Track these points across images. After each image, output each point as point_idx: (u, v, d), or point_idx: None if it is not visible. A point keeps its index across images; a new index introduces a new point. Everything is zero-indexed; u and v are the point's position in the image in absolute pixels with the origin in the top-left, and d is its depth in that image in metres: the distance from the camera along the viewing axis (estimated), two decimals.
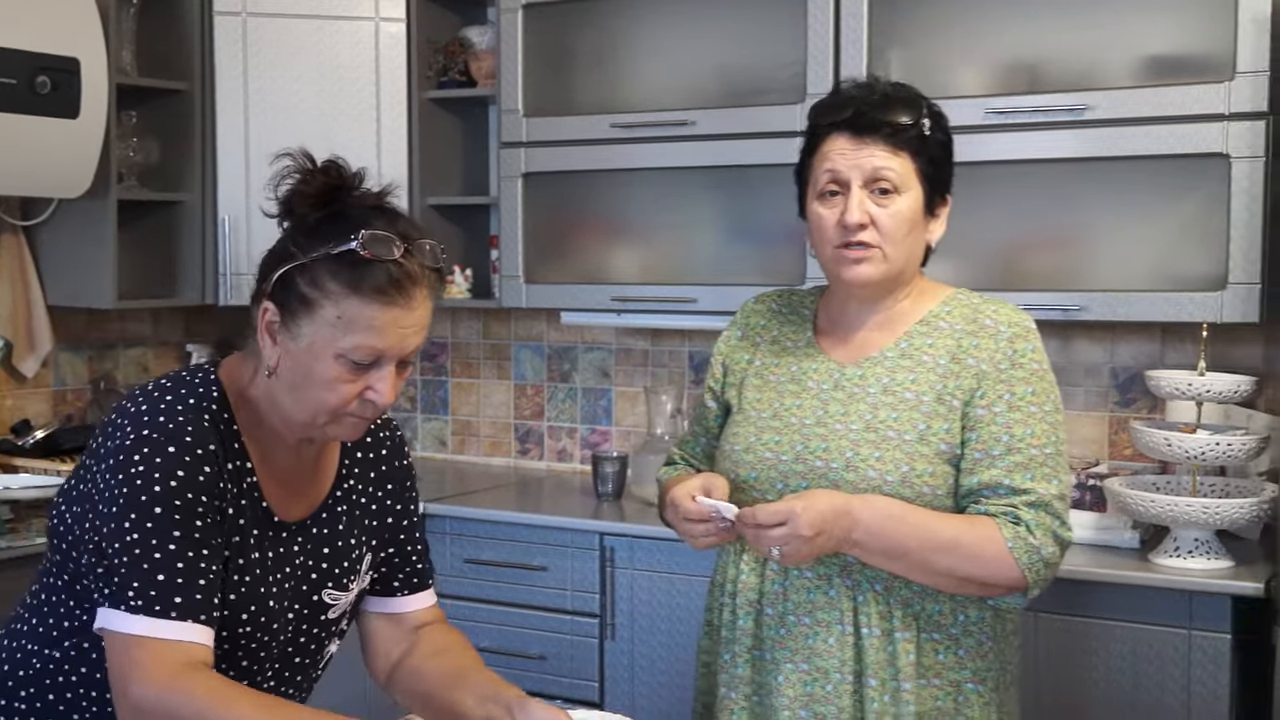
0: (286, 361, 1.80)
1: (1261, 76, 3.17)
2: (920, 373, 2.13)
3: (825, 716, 2.10)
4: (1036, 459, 2.07)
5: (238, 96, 4.15)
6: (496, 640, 3.84)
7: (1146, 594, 3.07)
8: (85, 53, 3.71)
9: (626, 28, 4.04)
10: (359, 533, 2.01)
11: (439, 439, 4.76)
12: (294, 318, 1.77)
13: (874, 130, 2.11)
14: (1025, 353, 2.13)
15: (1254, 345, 3.55)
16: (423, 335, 1.83)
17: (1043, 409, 2.11)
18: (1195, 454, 3.11)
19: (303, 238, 1.78)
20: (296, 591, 1.91)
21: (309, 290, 1.76)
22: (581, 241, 4.12)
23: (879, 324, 2.20)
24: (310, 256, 1.76)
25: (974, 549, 2.03)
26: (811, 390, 2.19)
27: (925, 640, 2.11)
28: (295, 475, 1.93)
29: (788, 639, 2.13)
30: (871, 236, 2.10)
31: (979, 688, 2.13)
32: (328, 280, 1.75)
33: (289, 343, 1.79)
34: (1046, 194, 3.53)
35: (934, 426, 2.09)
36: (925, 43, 3.65)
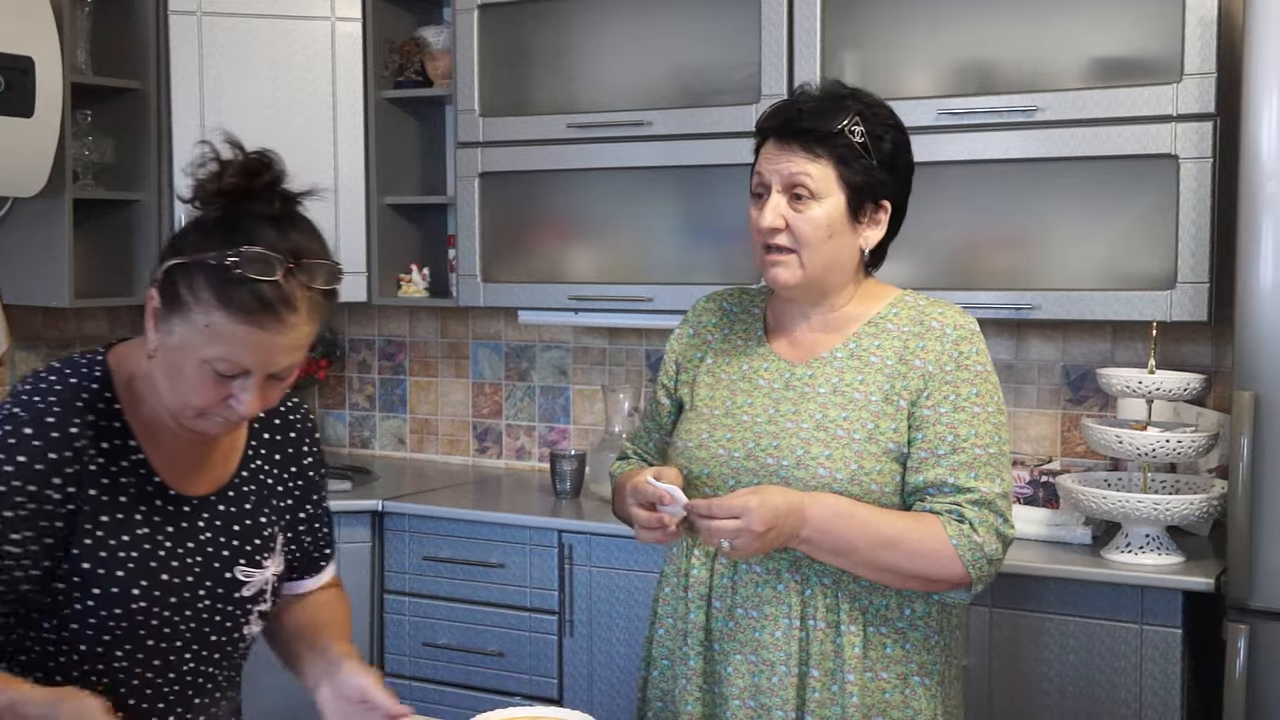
0: (162, 351, 1.78)
1: (1209, 78, 3.18)
2: (868, 373, 2.15)
3: (771, 707, 2.12)
4: (980, 458, 2.10)
5: (193, 95, 4.11)
6: (455, 637, 3.83)
7: (1099, 589, 3.08)
8: (39, 51, 3.67)
9: (583, 28, 4.02)
10: (269, 511, 2.00)
11: (397, 437, 4.73)
12: (170, 313, 1.75)
13: (795, 137, 2.14)
14: (970, 354, 2.15)
15: (1203, 344, 3.57)
16: (298, 355, 1.79)
17: (986, 409, 2.13)
18: (1146, 451, 3.12)
19: (194, 235, 1.76)
20: (207, 568, 1.90)
21: (185, 292, 1.73)
22: (539, 241, 4.11)
23: (826, 325, 2.22)
24: (192, 258, 1.73)
25: (919, 546, 2.05)
26: (763, 389, 2.20)
27: (873, 633, 2.13)
28: (193, 452, 1.91)
29: (736, 631, 2.15)
30: (786, 240, 2.14)
31: (925, 680, 2.15)
32: (202, 289, 1.72)
33: (164, 336, 1.77)
34: (998, 194, 3.54)
35: (882, 426, 2.11)
36: (878, 44, 3.66)
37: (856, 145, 2.13)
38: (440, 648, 3.85)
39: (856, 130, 2.13)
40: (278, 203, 1.78)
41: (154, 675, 1.88)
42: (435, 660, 3.87)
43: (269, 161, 1.80)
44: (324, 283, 1.77)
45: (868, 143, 2.14)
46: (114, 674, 1.84)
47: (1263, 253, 2.86)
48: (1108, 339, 3.69)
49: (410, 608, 3.90)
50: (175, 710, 1.92)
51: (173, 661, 1.88)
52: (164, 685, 1.89)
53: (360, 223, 4.26)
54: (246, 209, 1.76)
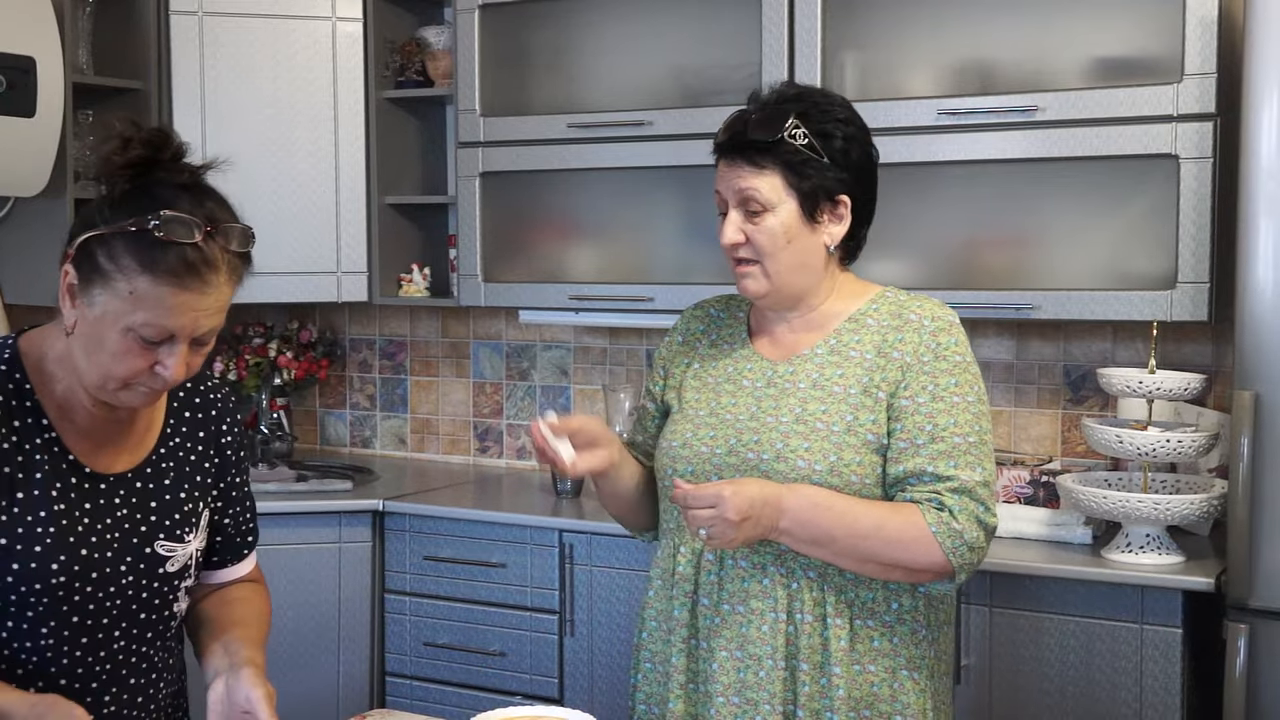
0: (82, 326, 1.81)
1: (1209, 78, 3.17)
2: (848, 368, 2.16)
3: (757, 702, 2.12)
4: (960, 447, 2.10)
5: (194, 96, 4.11)
6: (456, 637, 3.82)
7: (1099, 589, 3.08)
8: (41, 52, 3.66)
9: (583, 28, 4.02)
10: (189, 487, 2.02)
11: (398, 437, 4.73)
12: (90, 285, 1.78)
13: (740, 153, 2.16)
14: (949, 345, 2.16)
15: (1203, 343, 3.56)
16: (219, 317, 1.83)
17: (965, 399, 2.13)
18: (1146, 451, 3.11)
19: (108, 209, 1.79)
20: (126, 543, 1.92)
21: (105, 262, 1.76)
22: (539, 240, 4.10)
23: (807, 325, 2.23)
24: (110, 229, 1.76)
25: (898, 534, 2.05)
26: (746, 388, 2.22)
27: (860, 627, 2.13)
28: (109, 430, 1.93)
29: (722, 627, 2.16)
30: (748, 253, 2.17)
31: (914, 674, 2.16)
32: (123, 256, 1.75)
33: (85, 308, 1.80)
34: (998, 194, 3.54)
35: (861, 418, 2.12)
36: (878, 45, 3.65)
37: (801, 149, 2.14)
38: (441, 647, 3.84)
39: (798, 133, 2.14)
40: (186, 173, 1.82)
41: (83, 654, 1.90)
42: (436, 660, 3.86)
43: (169, 135, 1.83)
44: (239, 245, 1.81)
45: (814, 143, 2.14)
46: (42, 653, 1.86)
47: (1263, 253, 2.86)
48: (1108, 339, 3.69)
49: (411, 607, 3.90)
50: (110, 691, 1.93)
51: (101, 639, 1.90)
52: (95, 665, 1.91)
53: (361, 222, 4.25)
54: (156, 179, 1.80)
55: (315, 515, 3.91)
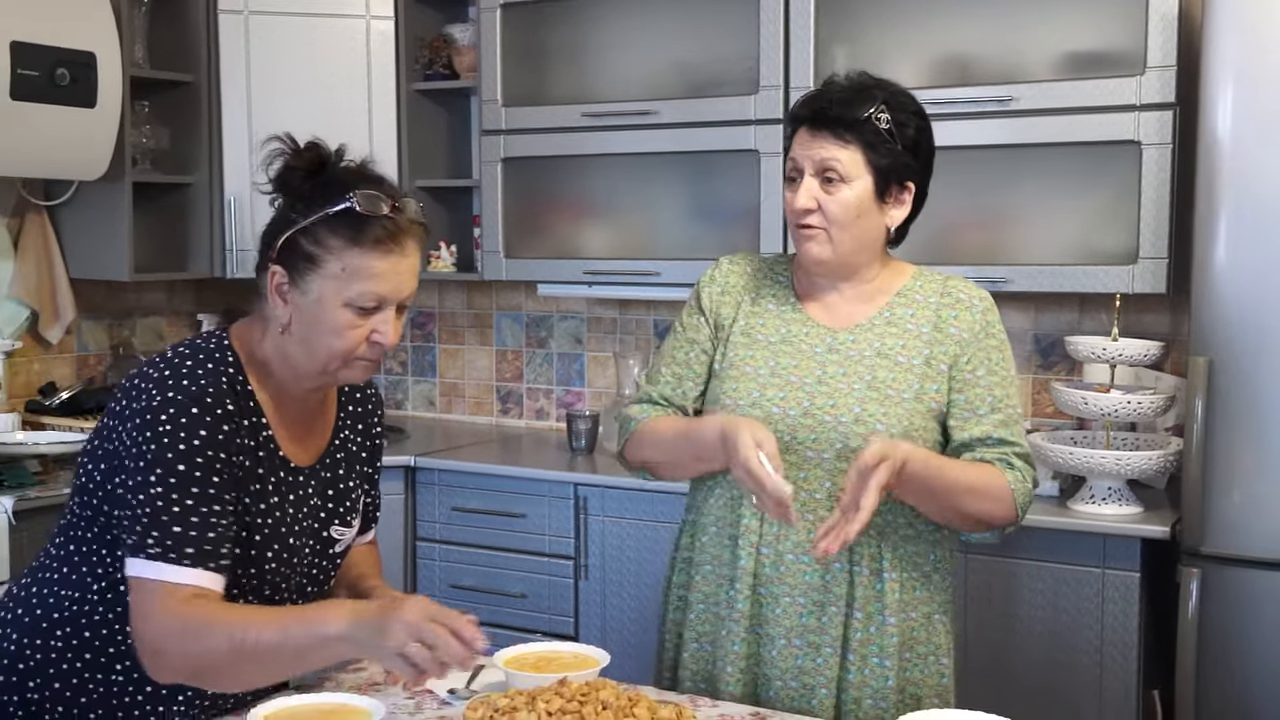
0: (297, 317, 1.82)
1: (1169, 70, 3.16)
2: (908, 339, 2.15)
3: (820, 645, 2.11)
4: (1013, 417, 2.14)
5: (241, 87, 4.11)
6: (481, 580, 3.84)
7: (1065, 537, 3.09)
8: (101, 47, 3.67)
9: (596, 25, 4.01)
10: (355, 475, 2.04)
11: (428, 399, 4.74)
12: (302, 276, 1.81)
13: (826, 125, 2.11)
14: (995, 324, 2.18)
15: (1162, 314, 3.56)
16: (415, 280, 1.86)
17: (1009, 374, 2.17)
18: (1109, 411, 3.12)
19: (301, 205, 1.82)
20: (310, 529, 1.94)
21: (313, 249, 1.80)
22: (556, 220, 4.10)
23: (858, 296, 2.19)
24: (311, 219, 1.80)
25: (989, 491, 2.08)
26: (806, 352, 2.17)
27: (906, 578, 2.14)
28: (303, 424, 1.94)
29: (786, 575, 2.12)
30: (818, 220, 2.11)
31: (943, 617, 2.19)
32: (329, 238, 1.79)
33: (299, 299, 1.82)
34: (976, 178, 3.53)
35: (926, 387, 2.12)
36: (867, 39, 3.64)
37: (883, 131, 2.10)
38: (467, 590, 3.86)
39: (882, 117, 2.10)
40: (354, 164, 1.88)
41: None
42: (463, 601, 3.88)
43: (325, 143, 1.89)
44: (418, 214, 1.86)
45: (893, 129, 2.11)
46: None
47: (1218, 231, 2.86)
48: (1075, 310, 3.69)
49: (440, 554, 3.91)
50: None
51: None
52: None
53: None
54: (334, 173, 1.84)
55: None
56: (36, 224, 3.98)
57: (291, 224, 1.81)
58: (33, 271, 3.94)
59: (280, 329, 1.84)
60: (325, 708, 1.81)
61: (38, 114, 3.50)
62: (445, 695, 2.03)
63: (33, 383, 4.00)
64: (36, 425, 3.80)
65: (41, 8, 3.53)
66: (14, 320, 3.93)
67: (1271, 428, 2.82)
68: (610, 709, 1.67)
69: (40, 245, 3.97)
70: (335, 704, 1.83)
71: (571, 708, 1.67)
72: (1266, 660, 2.83)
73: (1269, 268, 2.81)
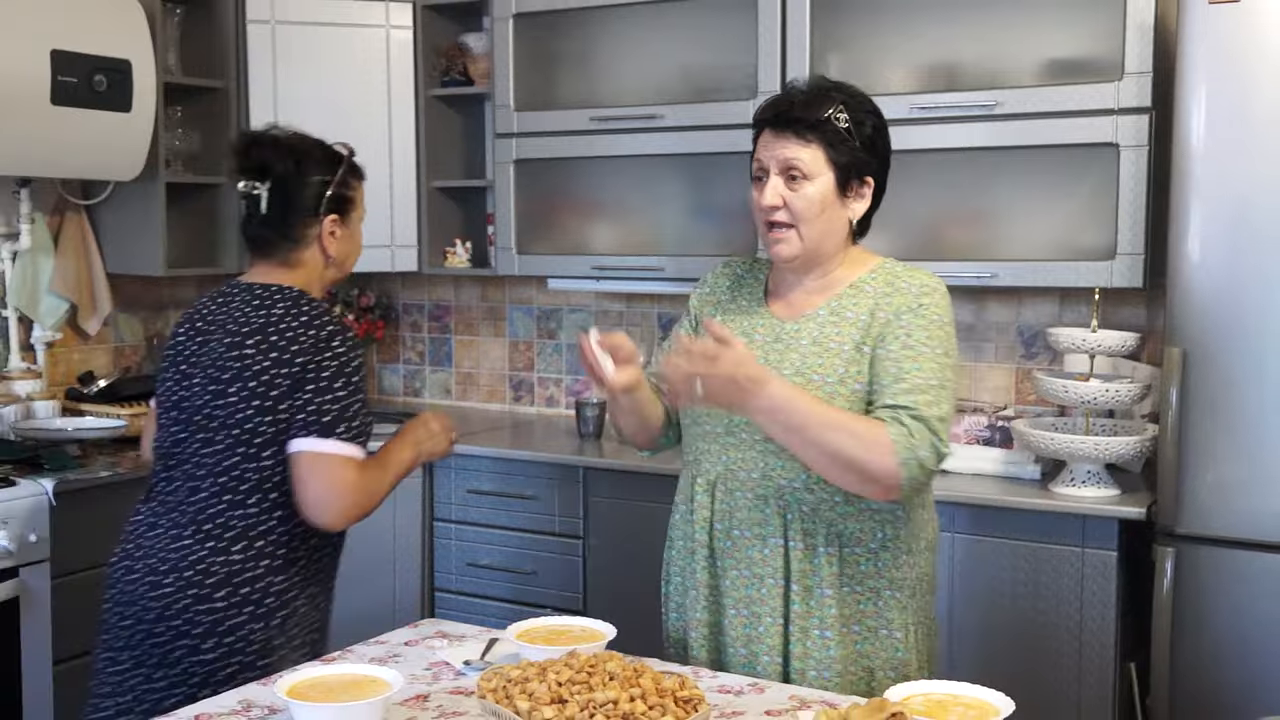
0: (341, 247, 2.46)
1: (1146, 77, 3.16)
2: (844, 327, 2.14)
3: (761, 615, 2.14)
4: (920, 385, 2.04)
5: (268, 93, 4.11)
6: (494, 558, 3.85)
7: (1047, 518, 3.09)
8: (136, 55, 3.67)
9: (604, 34, 4.00)
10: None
11: (444, 388, 4.74)
12: (346, 214, 2.46)
13: (788, 126, 2.13)
14: (929, 305, 2.11)
15: (1138, 307, 3.56)
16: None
17: (934, 351, 2.08)
18: (1088, 399, 3.12)
19: (320, 170, 2.43)
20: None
21: (348, 192, 2.47)
22: (566, 218, 4.10)
23: (816, 288, 2.20)
24: (338, 174, 2.44)
25: (862, 434, 1.99)
26: (757, 342, 2.20)
27: (849, 554, 2.12)
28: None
29: (733, 550, 2.16)
30: (785, 216, 2.13)
31: (896, 594, 2.16)
32: (351, 179, 2.49)
33: (343, 232, 2.46)
34: (963, 178, 3.53)
35: (850, 370, 2.10)
36: (860, 47, 3.63)
37: (841, 130, 2.12)
38: (482, 567, 3.87)
39: (841, 117, 2.12)
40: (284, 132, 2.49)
41: None
42: (478, 578, 3.89)
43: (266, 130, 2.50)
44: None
45: (851, 127, 2.13)
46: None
47: (1191, 228, 2.86)
48: (1056, 303, 3.68)
49: (456, 533, 3.92)
50: None
51: None
52: None
53: (411, 203, 4.25)
54: (311, 143, 2.47)
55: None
56: (75, 222, 3.98)
57: (327, 185, 2.42)
58: (72, 267, 3.95)
59: (325, 265, 2.45)
60: (347, 678, 1.82)
61: (76, 118, 3.51)
62: (461, 667, 2.04)
63: (72, 371, 4.01)
64: (75, 412, 3.81)
65: (80, 18, 3.53)
66: (54, 313, 3.94)
67: (1242, 414, 2.82)
68: (617, 680, 1.68)
69: (79, 242, 3.97)
70: (356, 675, 1.84)
71: (580, 678, 1.68)
72: (1236, 633, 2.84)
73: (1240, 263, 2.81)
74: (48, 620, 3.19)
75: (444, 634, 2.23)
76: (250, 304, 2.36)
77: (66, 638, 3.25)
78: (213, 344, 2.35)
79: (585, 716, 1.60)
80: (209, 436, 2.30)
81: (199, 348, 2.37)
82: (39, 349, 3.92)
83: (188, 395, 2.35)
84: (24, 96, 3.38)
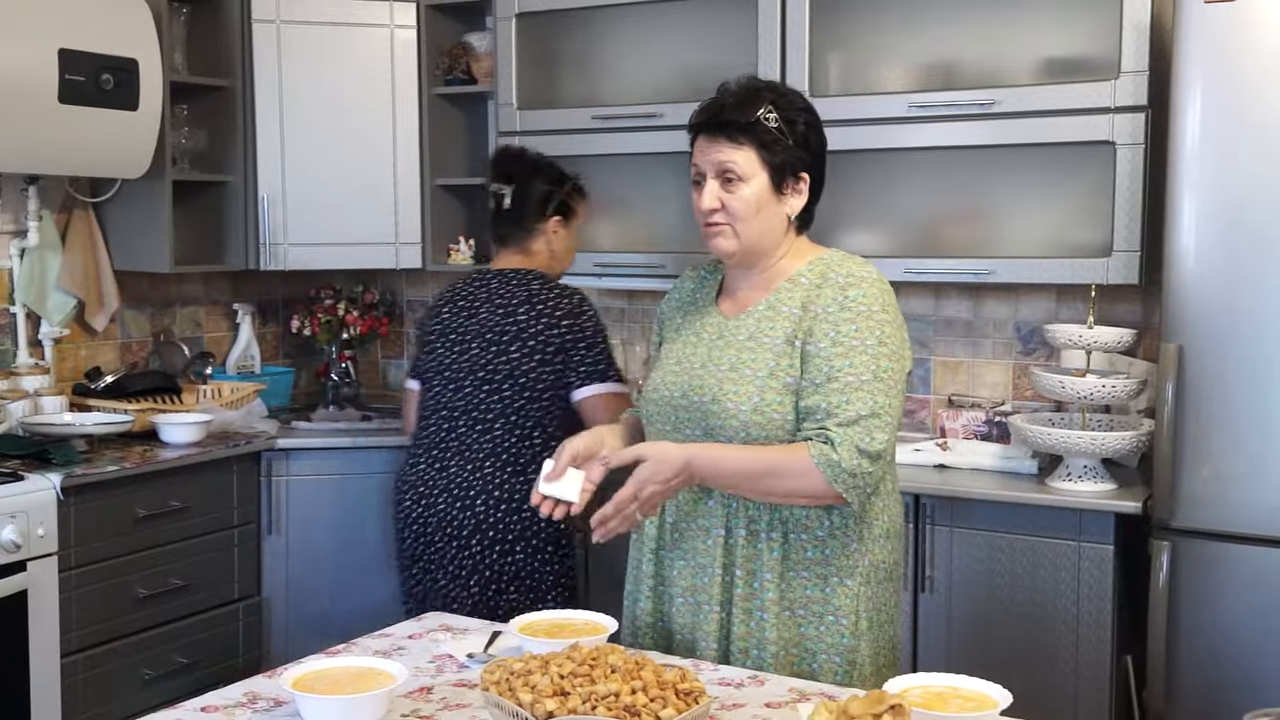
0: (564, 244, 3.11)
1: (1141, 75, 3.15)
2: (778, 321, 2.15)
3: (701, 603, 2.17)
4: (852, 384, 2.04)
5: (273, 92, 4.10)
6: None
7: (1044, 512, 3.09)
8: (143, 54, 3.66)
9: (605, 33, 4.00)
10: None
11: None
12: (567, 220, 3.11)
13: (720, 130, 2.15)
14: (856, 298, 2.10)
15: (1134, 303, 3.55)
16: None
17: (864, 343, 2.07)
18: (1085, 395, 3.11)
19: (551, 183, 3.09)
20: None
21: (570, 201, 3.13)
22: None
23: (758, 284, 2.22)
24: (565, 187, 3.11)
25: (790, 470, 2.04)
26: (704, 339, 2.22)
27: (794, 540, 2.13)
28: None
29: (680, 541, 2.19)
30: (722, 217, 2.15)
31: (845, 580, 2.14)
32: (575, 195, 3.15)
33: (565, 232, 3.11)
34: (960, 176, 3.53)
35: (781, 364, 2.10)
36: (858, 47, 3.63)
37: (773, 130, 2.13)
38: None
39: (771, 117, 2.13)
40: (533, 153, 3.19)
41: None
42: None
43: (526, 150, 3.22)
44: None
45: (782, 126, 2.14)
46: None
47: (1186, 225, 2.85)
48: (1053, 299, 3.68)
49: None
50: None
51: None
52: None
53: (415, 201, 4.25)
54: (546, 162, 3.16)
55: (378, 449, 3.94)
56: (83, 220, 3.98)
57: (553, 193, 3.07)
58: (79, 264, 3.94)
59: (550, 258, 3.08)
60: (352, 670, 1.82)
61: (84, 116, 3.50)
62: (464, 660, 2.04)
63: (79, 367, 4.01)
64: (83, 407, 3.80)
65: (88, 17, 3.52)
66: (62, 309, 3.93)
67: (1237, 409, 2.81)
68: (619, 672, 1.68)
69: (86, 239, 3.97)
70: (361, 667, 1.84)
71: (582, 671, 1.68)
72: (1231, 627, 2.83)
73: (1235, 259, 2.81)
74: (55, 614, 3.19)
75: (447, 627, 2.23)
76: (509, 283, 3.00)
77: (74, 631, 3.25)
78: (483, 315, 2.97)
79: (587, 709, 1.60)
80: (494, 387, 2.92)
81: (468, 318, 2.99)
82: (47, 345, 3.92)
83: (466, 357, 2.95)
84: (32, 95, 3.37)
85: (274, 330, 4.71)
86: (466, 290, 3.04)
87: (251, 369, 4.48)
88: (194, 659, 3.61)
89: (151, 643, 3.50)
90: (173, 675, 3.54)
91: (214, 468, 3.69)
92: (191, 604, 3.62)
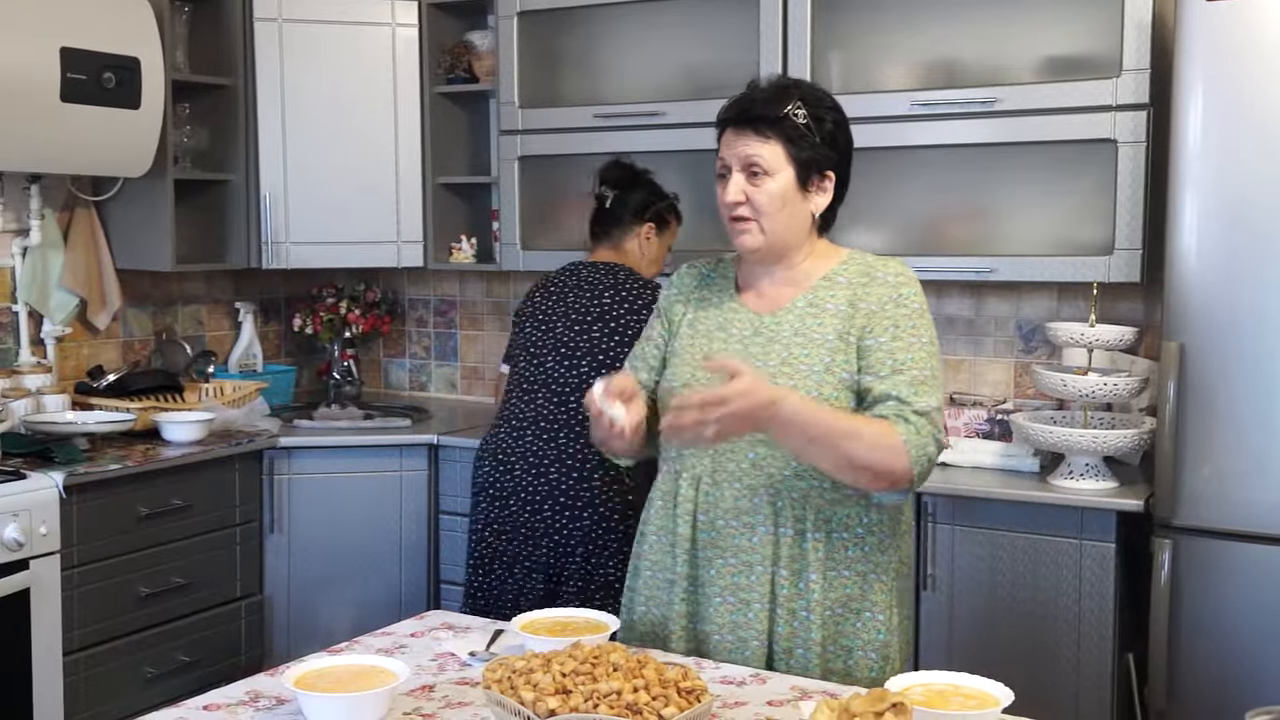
0: (654, 251, 3.32)
1: (1143, 73, 3.15)
2: (825, 318, 2.14)
3: (750, 601, 2.14)
4: (918, 378, 2.07)
5: (275, 91, 4.10)
6: None
7: (1045, 510, 3.08)
8: (144, 53, 3.66)
9: (607, 32, 4.00)
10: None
11: (450, 382, 4.74)
12: (659, 230, 3.33)
13: (749, 124, 2.14)
14: (908, 296, 2.14)
15: (1136, 301, 3.55)
16: None
17: (920, 340, 2.10)
18: (1086, 393, 3.11)
19: (652, 196, 3.32)
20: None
21: (665, 214, 3.35)
22: (569, 214, 4.09)
23: (786, 281, 2.20)
24: (664, 203, 3.34)
25: (874, 439, 2.01)
26: (735, 336, 2.20)
27: (836, 539, 2.13)
28: None
29: (718, 540, 2.16)
30: (747, 211, 2.14)
31: (882, 577, 2.16)
32: (670, 211, 3.37)
33: (657, 240, 3.32)
34: (962, 174, 3.52)
35: (836, 359, 2.10)
36: (860, 44, 3.63)
37: (800, 126, 2.13)
38: None
39: (800, 114, 2.13)
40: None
41: None
42: None
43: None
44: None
45: (810, 124, 2.13)
46: None
47: (1188, 223, 2.85)
48: (1055, 297, 3.68)
49: (461, 525, 3.91)
50: None
51: None
52: None
53: (417, 200, 4.25)
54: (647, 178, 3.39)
55: (380, 448, 3.93)
56: (85, 218, 3.97)
57: (651, 205, 3.31)
58: (82, 262, 3.94)
59: (640, 259, 3.28)
60: (354, 669, 1.82)
61: (86, 115, 3.50)
62: (466, 658, 2.04)
63: (82, 366, 4.01)
64: (85, 406, 3.80)
65: (89, 16, 3.52)
66: (64, 308, 3.93)
67: (1238, 408, 2.81)
68: (620, 671, 1.67)
69: (88, 238, 3.97)
70: (363, 665, 1.83)
71: (584, 669, 1.67)
72: (1233, 625, 2.83)
73: (1236, 258, 2.80)
74: (57, 612, 3.19)
75: (449, 625, 2.23)
76: (598, 272, 3.21)
77: (76, 629, 3.25)
78: (570, 298, 3.18)
79: (589, 707, 1.60)
80: (574, 362, 3.11)
81: (556, 302, 3.20)
82: (49, 343, 3.92)
83: (550, 335, 3.15)
84: (34, 94, 3.37)
85: (276, 329, 4.70)
86: (559, 278, 3.26)
87: (253, 367, 4.47)
88: (196, 657, 3.61)
89: (154, 641, 3.50)
90: (175, 673, 3.54)
91: (216, 466, 3.69)
92: (194, 602, 3.62)
